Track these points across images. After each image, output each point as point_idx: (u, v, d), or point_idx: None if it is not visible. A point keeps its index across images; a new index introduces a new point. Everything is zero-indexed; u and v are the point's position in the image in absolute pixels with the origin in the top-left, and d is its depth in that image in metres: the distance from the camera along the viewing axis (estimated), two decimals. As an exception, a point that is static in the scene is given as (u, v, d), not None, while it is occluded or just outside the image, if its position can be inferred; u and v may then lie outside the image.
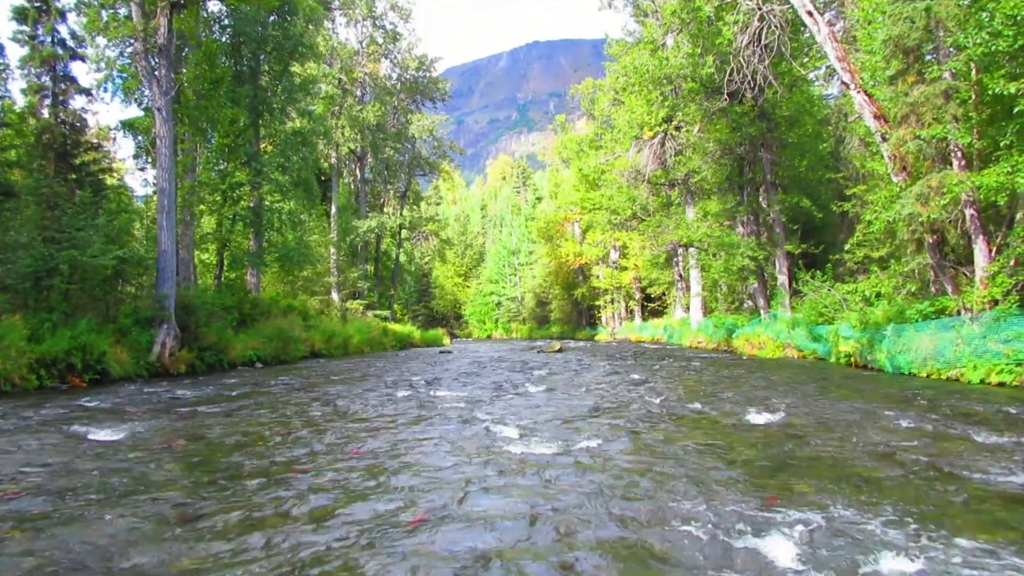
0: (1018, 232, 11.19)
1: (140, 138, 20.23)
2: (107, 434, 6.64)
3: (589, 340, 44.75)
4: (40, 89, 15.97)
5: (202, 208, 20.97)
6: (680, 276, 35.17)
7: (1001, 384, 9.83)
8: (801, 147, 21.88)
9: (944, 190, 11.44)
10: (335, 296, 34.80)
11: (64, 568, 3.24)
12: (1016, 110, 10.34)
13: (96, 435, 6.60)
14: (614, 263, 47.20)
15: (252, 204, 21.90)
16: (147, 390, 11.24)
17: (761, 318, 21.77)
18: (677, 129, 29.05)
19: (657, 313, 43.03)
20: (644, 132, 30.68)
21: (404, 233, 43.94)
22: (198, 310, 15.99)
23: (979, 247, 11.86)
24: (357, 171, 41.85)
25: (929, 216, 11.74)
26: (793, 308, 19.67)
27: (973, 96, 11.75)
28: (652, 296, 43.11)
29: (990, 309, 11.09)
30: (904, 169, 13.16)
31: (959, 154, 12.13)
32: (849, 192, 17.77)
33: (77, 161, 16.09)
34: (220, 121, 20.09)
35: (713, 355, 20.60)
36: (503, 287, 72.63)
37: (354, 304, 34.60)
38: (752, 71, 18.24)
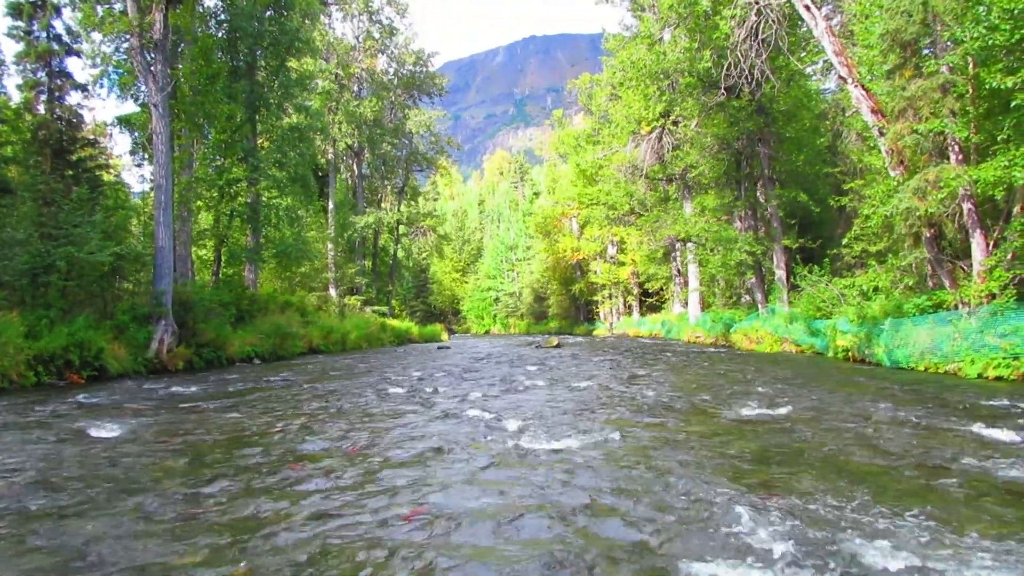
0: (1015, 226, 11.20)
1: (136, 134, 20.20)
2: (105, 431, 6.64)
3: (587, 335, 44.80)
4: (36, 85, 15.91)
5: (199, 204, 20.93)
6: (678, 271, 35.19)
7: (999, 378, 9.86)
8: (798, 141, 21.88)
9: (941, 184, 11.44)
10: (333, 292, 34.79)
11: (61, 565, 3.24)
12: (1013, 104, 10.34)
13: (94, 432, 6.60)
14: (612, 258, 47.21)
15: (249, 200, 21.86)
16: (145, 387, 11.24)
17: (759, 313, 21.79)
18: (675, 124, 29.03)
19: (655, 308, 43.05)
20: (642, 127, 30.66)
21: (402, 229, 43.92)
22: (196, 306, 15.98)
23: (976, 241, 11.88)
24: (354, 167, 41.81)
25: (927, 210, 11.75)
26: (791, 303, 19.70)
27: (970, 90, 11.74)
28: (650, 291, 43.11)
29: (987, 303, 11.11)
30: (901, 163, 13.16)
31: (956, 148, 12.14)
32: (847, 186, 17.77)
33: (73, 157, 16.05)
34: (217, 117, 20.04)
35: (711, 350, 20.64)
36: (501, 282, 72.62)
37: (352, 300, 34.59)
38: (749, 66, 18.21)
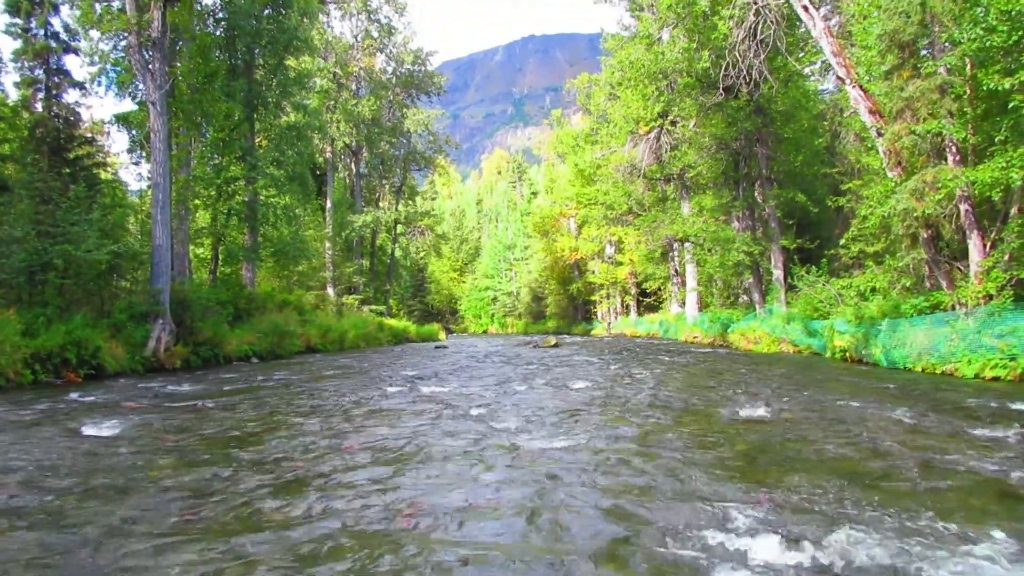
0: (1013, 227, 11.23)
1: (134, 132, 20.12)
2: (102, 429, 6.63)
3: (585, 335, 44.83)
4: (33, 83, 15.85)
5: (197, 203, 20.90)
6: (676, 271, 35.22)
7: (995, 379, 9.87)
8: (796, 142, 21.91)
9: (939, 185, 11.47)
10: (331, 291, 34.75)
11: (58, 564, 3.23)
12: (1011, 106, 10.36)
13: (91, 430, 6.59)
14: (610, 258, 47.22)
15: (247, 199, 21.83)
16: (142, 385, 11.22)
17: (756, 313, 21.82)
18: (673, 124, 29.05)
19: (653, 308, 43.08)
20: (640, 127, 30.68)
21: (400, 228, 43.90)
22: (193, 305, 15.95)
23: (974, 242, 11.90)
24: (352, 166, 41.78)
25: (924, 211, 11.77)
26: (788, 303, 19.73)
27: (968, 91, 11.77)
28: (648, 291, 43.14)
29: (985, 304, 11.14)
30: (899, 164, 13.19)
31: (954, 149, 12.16)
32: (844, 187, 17.81)
33: (71, 155, 15.99)
34: (215, 115, 20.02)
35: (708, 350, 20.65)
36: (499, 282, 72.61)
37: (350, 299, 34.55)
38: (748, 66, 18.24)
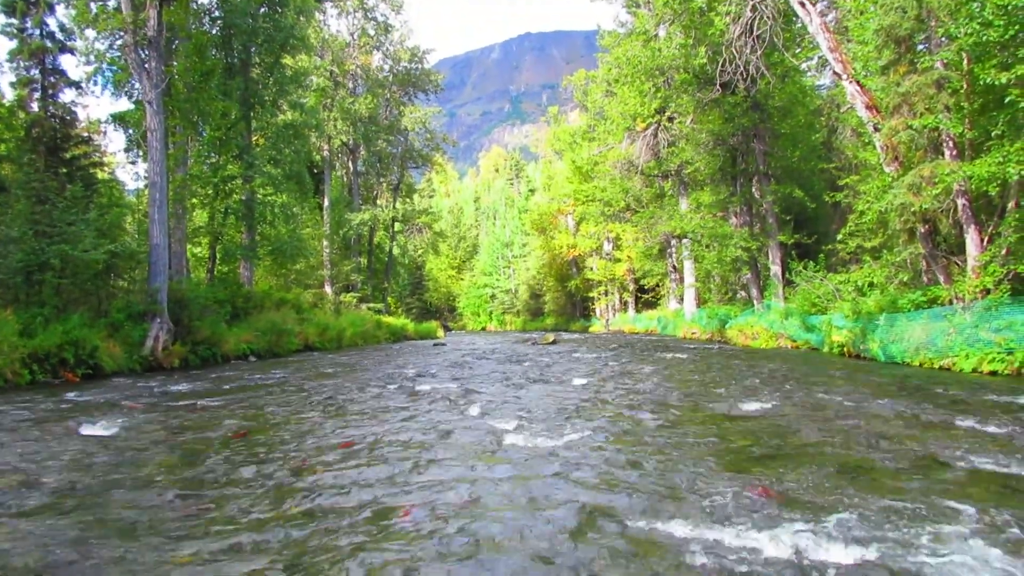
0: (1009, 222, 11.24)
1: (131, 131, 20.10)
2: (100, 428, 6.63)
3: (583, 332, 44.85)
4: (29, 82, 15.81)
5: (194, 201, 20.89)
6: (674, 267, 35.22)
7: (993, 373, 9.89)
8: (794, 137, 21.92)
9: (936, 180, 11.47)
10: (328, 289, 34.75)
11: (58, 563, 3.23)
12: (1007, 100, 10.36)
13: (89, 429, 6.59)
14: (608, 255, 47.22)
15: (244, 197, 21.81)
16: (140, 384, 11.22)
17: (754, 308, 21.84)
18: (670, 120, 29.04)
19: (651, 304, 43.10)
20: (637, 123, 30.67)
21: (397, 226, 43.87)
22: (191, 304, 15.94)
23: (971, 237, 11.91)
24: (350, 164, 41.74)
25: (921, 206, 11.78)
26: (786, 298, 19.74)
27: (965, 86, 11.77)
28: (646, 287, 43.13)
29: (982, 298, 11.15)
30: (896, 159, 13.20)
31: (951, 144, 12.17)
32: (842, 182, 17.81)
33: (67, 155, 15.97)
34: (211, 114, 19.99)
35: (707, 346, 20.67)
36: (497, 279, 72.56)
37: (348, 297, 34.54)
38: (744, 62, 18.23)
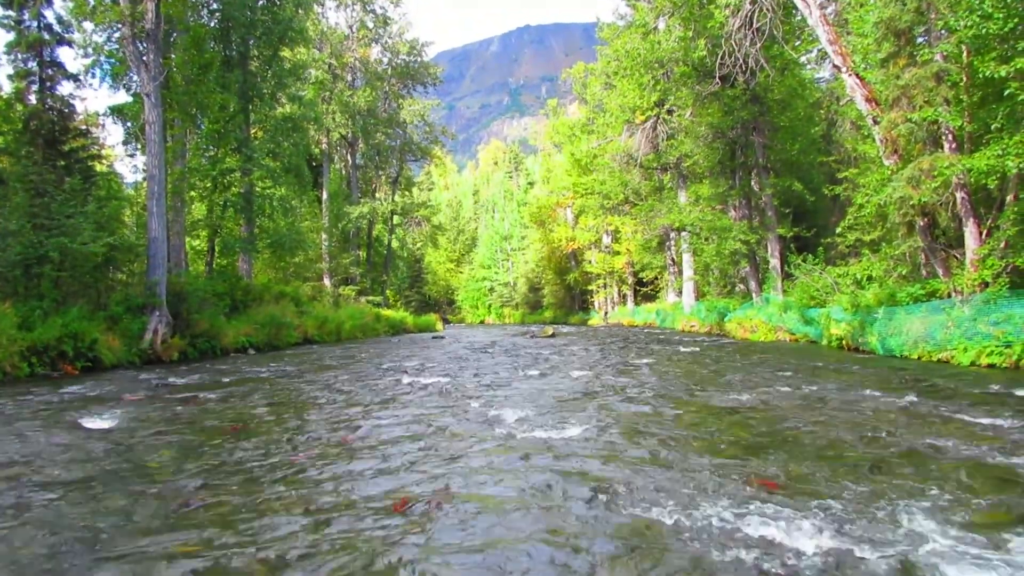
0: (1008, 215, 11.26)
1: (129, 124, 20.06)
2: (100, 421, 6.64)
3: (582, 325, 44.89)
4: (27, 75, 15.73)
5: (192, 194, 20.85)
6: (672, 260, 35.25)
7: (991, 366, 9.92)
8: (793, 130, 21.90)
9: (935, 173, 11.48)
10: (327, 282, 34.73)
11: (59, 556, 3.24)
12: (1006, 93, 10.36)
13: (89, 422, 6.59)
14: (607, 248, 47.22)
15: (243, 190, 21.79)
16: (140, 377, 11.22)
17: (753, 301, 21.87)
18: (669, 113, 28.98)
19: (650, 297, 43.14)
20: (636, 116, 30.62)
21: (396, 219, 43.82)
22: (190, 297, 15.93)
23: (970, 230, 11.93)
24: (348, 157, 41.63)
25: (920, 199, 11.79)
26: (785, 291, 19.77)
27: (964, 79, 11.76)
28: (645, 280, 43.18)
29: (980, 291, 11.18)
30: (895, 152, 13.19)
31: (950, 137, 12.17)
32: (841, 175, 17.81)
33: (66, 148, 15.90)
34: (210, 107, 19.92)
35: (705, 339, 20.70)
36: (496, 272, 72.56)
37: (347, 290, 34.54)
38: (744, 54, 18.20)
